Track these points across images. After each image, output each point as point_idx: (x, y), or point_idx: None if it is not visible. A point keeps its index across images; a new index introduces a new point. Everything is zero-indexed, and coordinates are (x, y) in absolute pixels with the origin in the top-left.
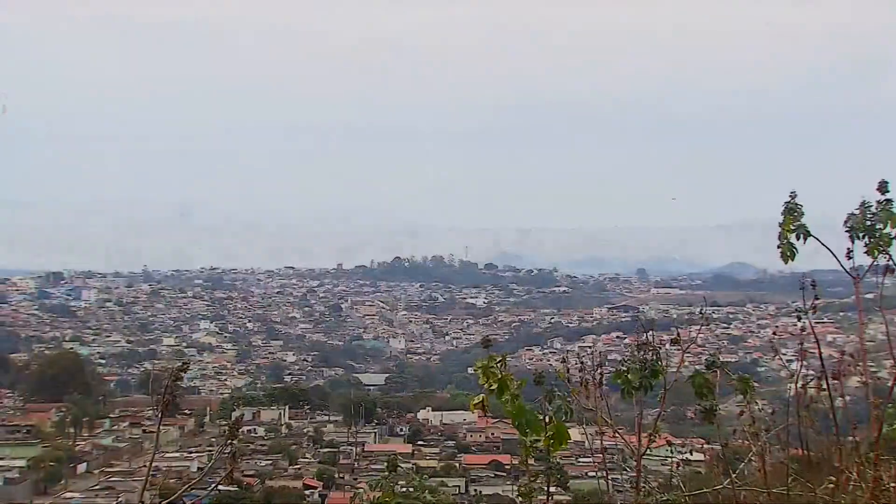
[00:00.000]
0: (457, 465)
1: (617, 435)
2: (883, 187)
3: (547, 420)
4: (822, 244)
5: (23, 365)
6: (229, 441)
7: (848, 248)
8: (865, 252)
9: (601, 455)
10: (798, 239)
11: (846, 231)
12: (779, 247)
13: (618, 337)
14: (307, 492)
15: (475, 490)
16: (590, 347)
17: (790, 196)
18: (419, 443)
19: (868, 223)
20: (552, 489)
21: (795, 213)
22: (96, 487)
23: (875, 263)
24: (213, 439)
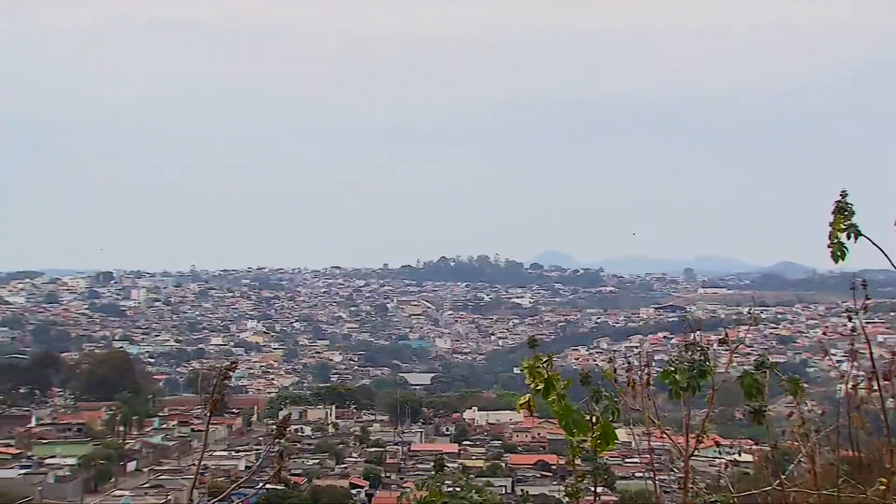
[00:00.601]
0: (503, 464)
1: (664, 435)
2: None
3: (594, 420)
4: (874, 244)
5: (74, 364)
6: (277, 440)
7: None
8: None
9: (648, 456)
10: (849, 238)
11: None
12: (829, 246)
13: (664, 337)
14: (354, 491)
15: (522, 490)
16: (636, 347)
17: (840, 195)
18: (465, 442)
19: None
20: (599, 489)
21: (846, 213)
22: (146, 485)
23: None
24: (261, 438)
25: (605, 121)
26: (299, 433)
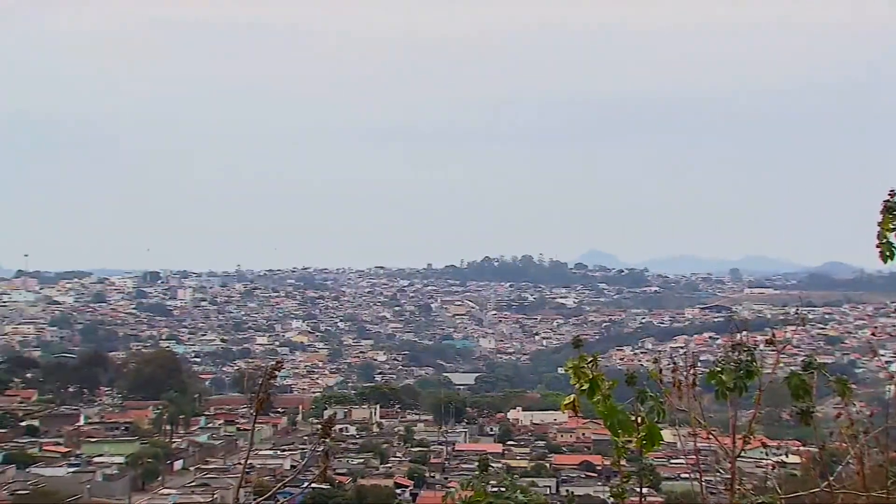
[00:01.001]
0: (547, 465)
1: (710, 436)
2: None
3: (639, 421)
4: None
5: (121, 363)
6: (322, 439)
7: None
8: None
9: (694, 456)
10: None
11: None
12: (877, 246)
13: (710, 337)
14: (398, 490)
15: (567, 490)
16: (681, 348)
17: (889, 194)
18: (509, 443)
19: None
20: (644, 490)
21: (895, 212)
22: (192, 484)
23: None
24: (306, 437)
25: (648, 120)
26: (344, 433)
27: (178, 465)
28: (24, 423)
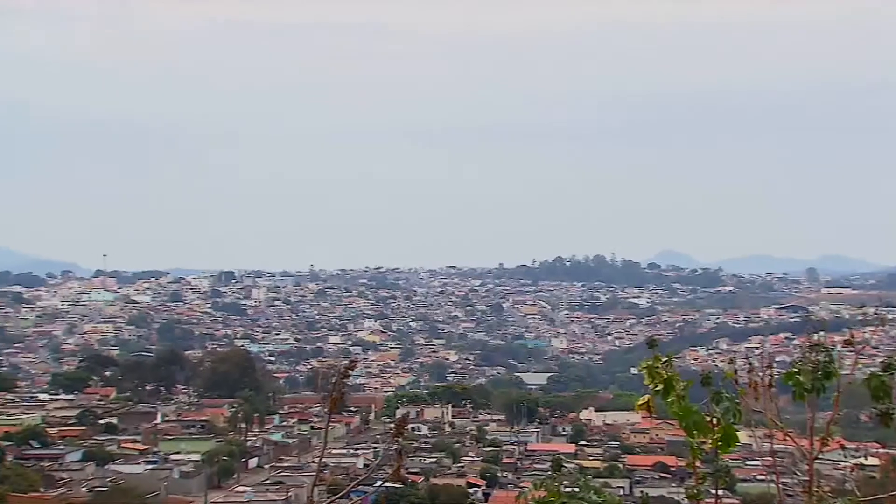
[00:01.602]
0: (620, 466)
1: (787, 438)
2: None
3: (715, 422)
4: None
5: (197, 362)
6: (396, 438)
7: None
8: None
9: (771, 458)
10: None
11: None
12: None
13: (786, 338)
14: (471, 490)
15: (641, 491)
16: (757, 348)
17: None
18: (582, 443)
19: None
20: (720, 492)
21: None
22: (267, 482)
23: None
24: (378, 436)
25: (718, 116)
26: (416, 432)
27: (252, 463)
28: (102, 421)
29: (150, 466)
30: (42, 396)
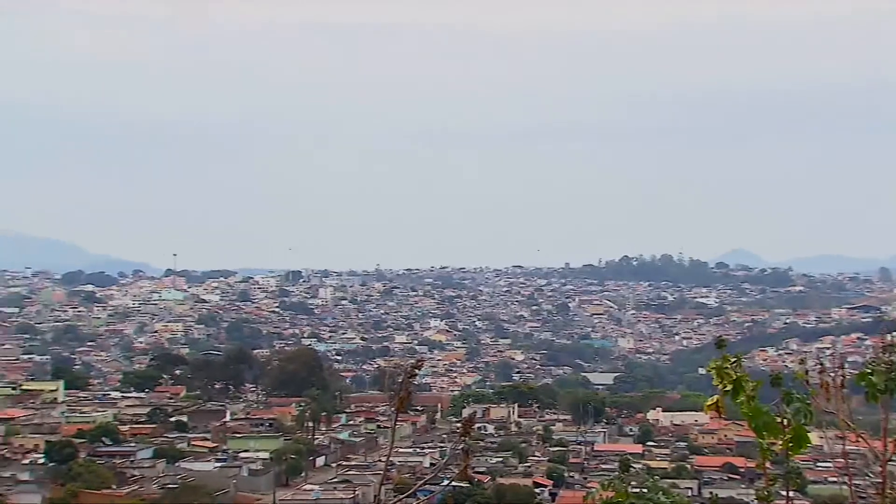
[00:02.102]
0: (688, 466)
1: (860, 439)
2: None
3: (785, 423)
4: None
5: (265, 360)
6: (462, 438)
7: None
8: None
9: (843, 460)
10: None
11: None
12: None
13: (858, 338)
14: (537, 490)
15: (710, 492)
16: (828, 349)
17: None
18: (649, 443)
19: None
20: (791, 494)
21: None
22: (334, 480)
23: None
24: (445, 436)
25: (789, 115)
26: (482, 431)
27: (320, 461)
28: (173, 419)
29: (219, 464)
30: (114, 394)
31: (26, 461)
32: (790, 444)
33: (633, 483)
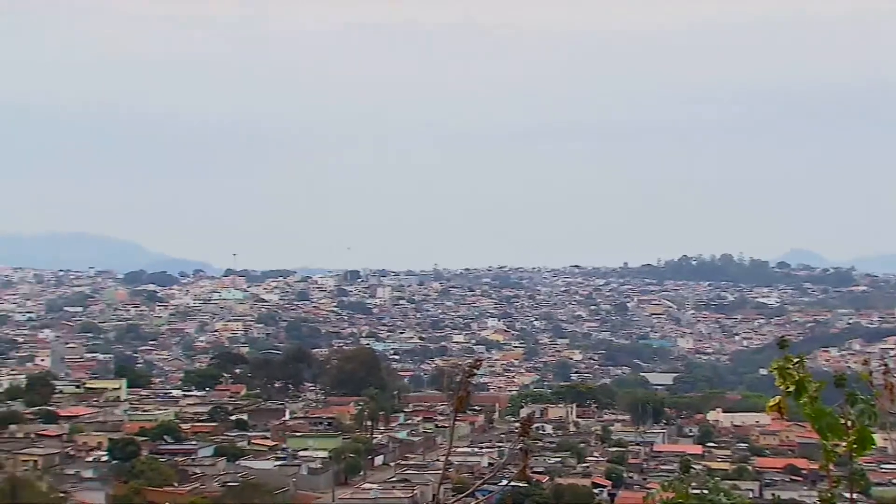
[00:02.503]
0: (749, 468)
1: None
2: None
3: (849, 424)
4: None
5: (324, 360)
6: (521, 437)
7: None
8: None
9: None
10: None
11: None
12: None
13: None
14: (596, 490)
15: (772, 494)
16: (892, 349)
17: None
18: (709, 444)
19: None
20: (855, 496)
21: None
22: (392, 479)
23: None
24: (503, 435)
25: (850, 111)
26: (540, 431)
27: (378, 460)
28: (233, 417)
29: (279, 463)
30: (175, 393)
31: (90, 459)
32: (854, 446)
33: (693, 484)
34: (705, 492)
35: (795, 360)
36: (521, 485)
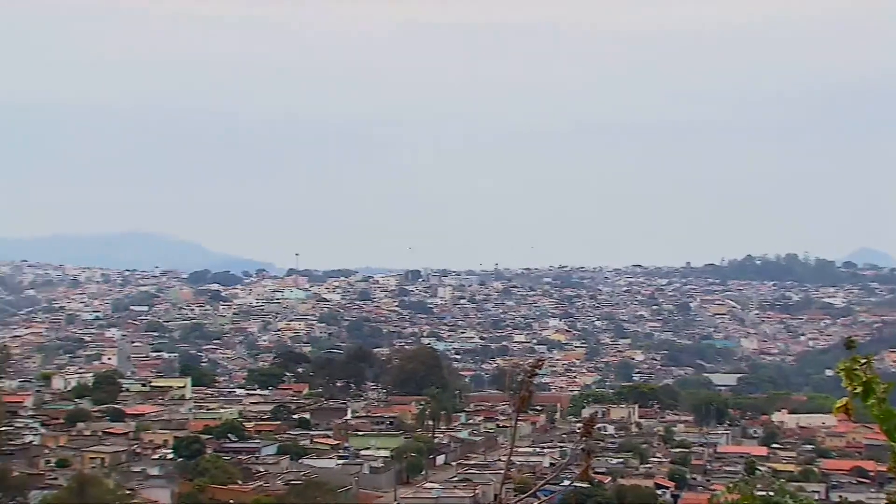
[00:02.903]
0: (816, 469)
1: None
2: None
3: None
4: None
5: (385, 359)
6: (584, 438)
7: None
8: None
9: None
10: None
11: None
12: None
13: None
14: (659, 491)
15: (839, 496)
16: None
17: None
18: (774, 446)
19: None
20: None
21: None
22: (454, 479)
23: None
24: (565, 436)
25: None
26: (602, 432)
27: (440, 459)
28: (296, 416)
29: (341, 461)
30: (239, 391)
31: (156, 456)
32: None
33: (758, 486)
34: (771, 494)
35: (863, 361)
36: (583, 485)
